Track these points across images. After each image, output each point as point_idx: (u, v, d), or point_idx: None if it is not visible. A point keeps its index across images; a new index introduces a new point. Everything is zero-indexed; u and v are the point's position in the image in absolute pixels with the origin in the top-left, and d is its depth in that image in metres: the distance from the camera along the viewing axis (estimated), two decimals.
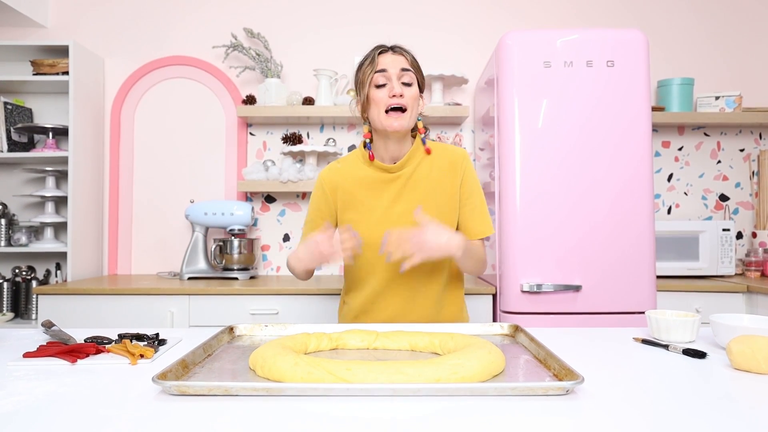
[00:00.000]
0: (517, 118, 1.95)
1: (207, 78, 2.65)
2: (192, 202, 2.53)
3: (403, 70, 1.22)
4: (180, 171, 2.64)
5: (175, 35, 2.67)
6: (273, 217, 2.65)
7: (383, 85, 1.21)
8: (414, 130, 1.32)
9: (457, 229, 1.32)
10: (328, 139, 2.57)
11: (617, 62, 1.94)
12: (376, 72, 1.22)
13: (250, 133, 2.67)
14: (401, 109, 1.21)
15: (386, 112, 1.21)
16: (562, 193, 1.93)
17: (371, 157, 1.28)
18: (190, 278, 2.34)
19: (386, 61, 1.23)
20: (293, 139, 2.50)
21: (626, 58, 1.94)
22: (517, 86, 1.96)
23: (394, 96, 1.20)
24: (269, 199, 2.66)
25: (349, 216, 1.31)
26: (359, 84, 1.25)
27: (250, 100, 2.50)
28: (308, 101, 2.49)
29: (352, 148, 2.68)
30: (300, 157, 2.59)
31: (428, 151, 1.30)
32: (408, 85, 1.22)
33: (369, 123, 1.27)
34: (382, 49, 1.25)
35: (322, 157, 2.60)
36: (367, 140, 1.30)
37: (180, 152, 2.64)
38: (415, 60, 1.26)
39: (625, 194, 1.91)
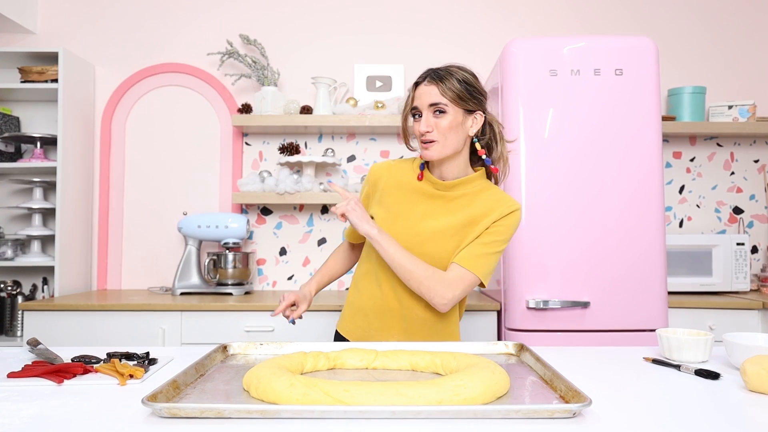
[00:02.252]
0: (522, 128, 1.96)
1: (201, 86, 2.66)
2: (185, 214, 2.55)
3: (432, 105, 1.25)
4: (172, 182, 2.65)
5: (168, 42, 2.69)
6: (269, 230, 2.66)
7: (419, 117, 1.28)
8: (475, 156, 1.34)
9: None
10: (327, 149, 2.58)
11: (626, 70, 1.95)
12: (412, 108, 1.30)
13: (246, 143, 2.68)
14: (431, 141, 1.26)
15: (422, 142, 1.28)
16: (570, 206, 1.93)
17: (420, 177, 1.34)
18: (182, 293, 2.34)
19: (418, 94, 1.28)
20: (290, 149, 2.51)
21: (635, 66, 1.95)
22: (522, 95, 1.97)
23: (421, 133, 1.27)
24: (265, 211, 2.67)
25: (381, 214, 1.35)
26: (403, 115, 1.35)
27: (245, 108, 2.51)
28: (306, 110, 2.50)
29: (351, 159, 2.69)
30: (297, 168, 2.60)
31: (495, 170, 1.32)
32: (439, 115, 1.25)
33: None
34: (417, 81, 1.30)
35: (321, 167, 2.60)
36: (422, 161, 1.36)
37: (173, 162, 2.65)
38: (458, 83, 1.25)
39: (634, 206, 1.92)
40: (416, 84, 1.29)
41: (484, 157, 1.31)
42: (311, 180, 2.47)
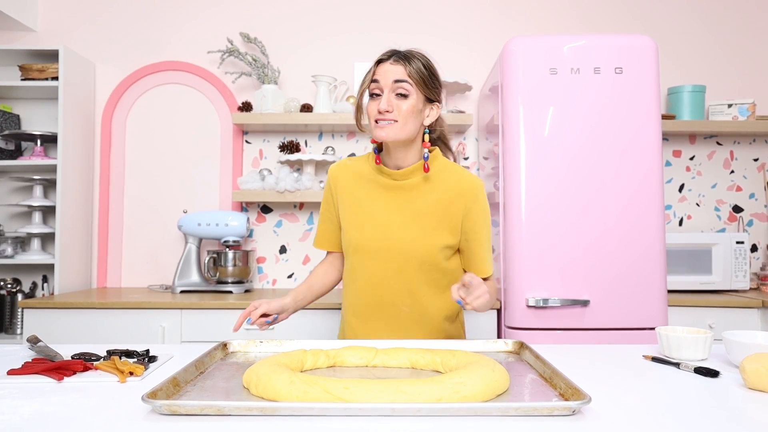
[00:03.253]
0: (522, 126, 1.96)
1: (201, 84, 2.66)
2: (185, 212, 2.55)
3: (397, 81, 1.22)
4: (173, 180, 2.65)
5: (168, 40, 2.69)
6: (269, 229, 2.66)
7: (377, 95, 1.24)
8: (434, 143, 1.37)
9: (457, 259, 1.36)
10: (327, 148, 2.58)
11: (626, 69, 1.95)
12: (371, 82, 1.26)
13: (246, 141, 2.68)
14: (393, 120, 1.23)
15: (375, 122, 1.24)
16: (569, 204, 1.93)
17: (377, 160, 1.32)
18: (182, 291, 2.34)
19: (381, 71, 1.25)
20: (290, 147, 2.51)
21: (635, 65, 1.95)
22: (522, 93, 1.97)
23: (380, 111, 1.23)
24: (265, 209, 2.67)
25: (347, 216, 1.34)
26: (358, 93, 1.31)
27: (246, 107, 2.51)
28: (306, 108, 2.50)
29: (351, 155, 2.66)
30: (298, 166, 2.61)
31: (426, 170, 1.30)
32: (403, 96, 1.23)
33: None
34: (380, 58, 1.27)
35: (321, 165, 2.61)
36: (374, 145, 1.35)
37: (173, 160, 2.65)
38: (423, 68, 1.25)
39: (634, 205, 1.92)
40: (379, 61, 1.26)
41: (425, 151, 1.29)
42: (311, 178, 2.47)
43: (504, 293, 2.00)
